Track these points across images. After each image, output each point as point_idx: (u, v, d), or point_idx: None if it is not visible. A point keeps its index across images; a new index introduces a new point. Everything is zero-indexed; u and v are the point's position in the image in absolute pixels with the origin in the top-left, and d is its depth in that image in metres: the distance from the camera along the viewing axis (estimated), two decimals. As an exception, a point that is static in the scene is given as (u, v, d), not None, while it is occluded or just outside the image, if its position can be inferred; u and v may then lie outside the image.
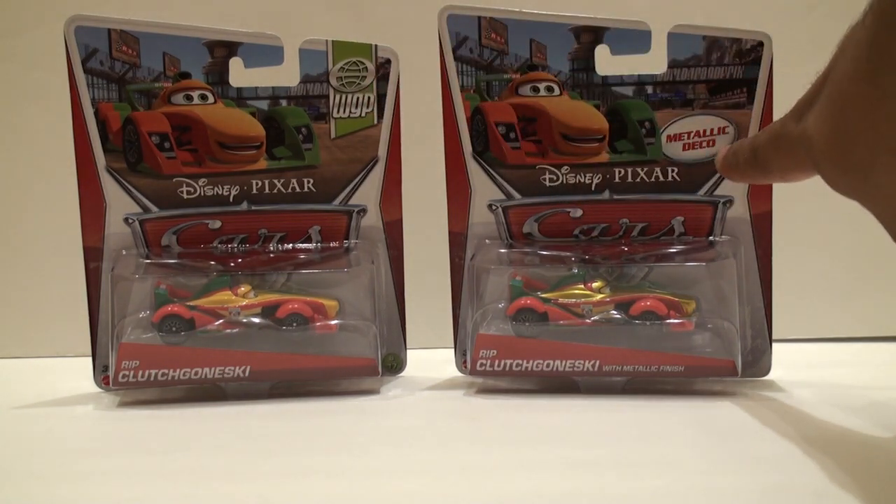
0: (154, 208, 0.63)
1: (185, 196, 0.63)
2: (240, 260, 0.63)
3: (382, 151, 0.64)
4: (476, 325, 0.63)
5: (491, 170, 0.63)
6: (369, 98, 0.63)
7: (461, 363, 0.64)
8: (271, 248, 0.64)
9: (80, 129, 0.62)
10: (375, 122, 0.63)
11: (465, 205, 0.64)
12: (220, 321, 0.62)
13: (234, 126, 0.63)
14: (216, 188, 0.63)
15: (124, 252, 0.63)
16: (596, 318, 0.62)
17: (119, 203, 0.63)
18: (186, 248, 0.63)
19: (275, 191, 0.63)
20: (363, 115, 0.63)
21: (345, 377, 0.63)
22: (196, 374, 0.60)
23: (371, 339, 0.62)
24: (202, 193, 0.63)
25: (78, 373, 0.67)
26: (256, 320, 0.62)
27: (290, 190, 0.64)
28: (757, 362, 0.63)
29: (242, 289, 0.62)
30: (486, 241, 0.64)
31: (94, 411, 0.61)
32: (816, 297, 0.79)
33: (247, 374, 0.61)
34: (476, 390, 0.64)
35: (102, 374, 0.63)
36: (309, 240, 0.64)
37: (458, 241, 0.64)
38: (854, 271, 0.79)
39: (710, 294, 0.62)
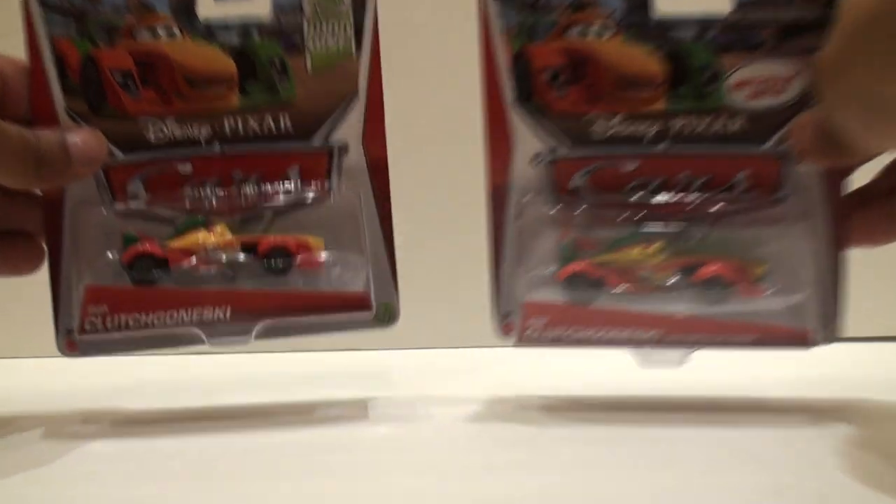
0: (119, 153, 0.59)
1: (151, 139, 0.59)
2: (214, 202, 0.59)
3: (362, 85, 0.60)
4: (522, 291, 0.58)
5: (535, 119, 0.59)
6: (346, 27, 0.60)
7: (501, 327, 0.59)
8: (248, 191, 0.60)
9: (37, 68, 0.58)
10: (354, 53, 0.60)
11: (505, 158, 0.59)
12: (196, 259, 0.58)
13: (202, 62, 0.59)
14: (185, 129, 0.59)
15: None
16: (657, 283, 0.57)
17: (81, 148, 0.58)
18: (155, 194, 0.59)
19: (249, 130, 0.60)
20: (340, 46, 0.60)
21: (335, 312, 0.59)
22: (172, 318, 0.57)
23: (362, 272, 0.58)
24: (170, 135, 0.59)
25: (77, 373, 0.64)
26: (235, 257, 0.58)
27: (265, 128, 0.60)
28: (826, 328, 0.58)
29: (218, 228, 0.58)
30: (530, 197, 0.59)
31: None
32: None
33: (227, 315, 0.57)
34: (484, 409, 0.61)
35: (66, 338, 0.58)
36: (288, 181, 0.60)
37: (498, 197, 0.59)
38: (854, 271, 0.77)
39: (780, 256, 0.58)
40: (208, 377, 0.70)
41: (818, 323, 0.58)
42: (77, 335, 0.57)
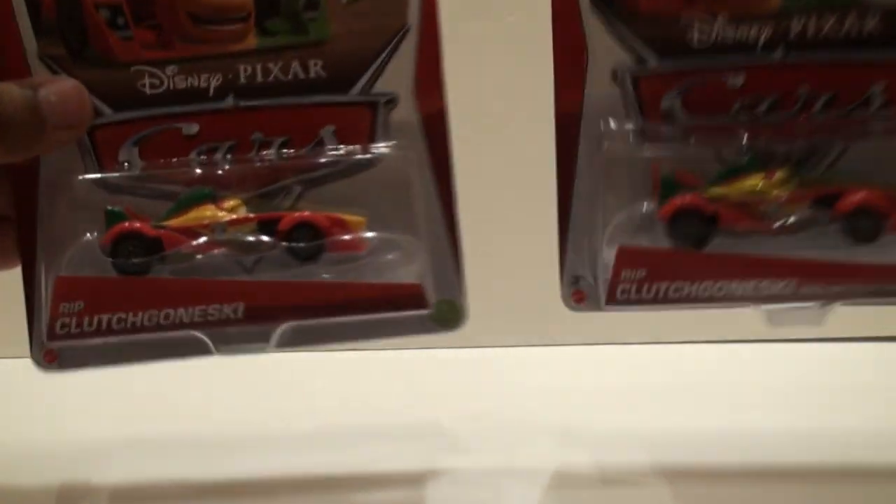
0: (107, 110, 0.50)
1: (147, 91, 0.50)
2: (226, 170, 0.50)
3: (413, 18, 0.50)
4: (604, 242, 0.50)
5: (616, 25, 0.50)
6: (392, -58, 0.50)
7: (570, 294, 0.51)
8: (269, 157, 0.50)
9: (3, 2, 0.49)
10: (402, -23, 0.51)
11: (578, 73, 0.50)
12: (201, 240, 0.48)
13: (210, -8, 0.51)
14: (190, 78, 0.50)
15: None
16: (787, 219, 0.49)
17: (58, 104, 0.50)
18: (152, 162, 0.50)
19: (270, 78, 0.50)
20: (384, -32, 0.51)
21: (380, 311, 0.49)
22: (167, 317, 0.47)
23: (415, 257, 0.49)
24: (171, 87, 0.50)
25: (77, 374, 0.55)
26: (251, 238, 0.49)
27: (290, 77, 0.50)
28: None
29: (230, 203, 0.49)
30: (611, 122, 0.51)
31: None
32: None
33: (240, 314, 0.48)
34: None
35: (42, 347, 0.49)
36: (321, 145, 0.50)
37: (568, 120, 0.50)
38: None
39: None
40: (213, 399, 0.62)
41: None
42: (47, 341, 0.48)
